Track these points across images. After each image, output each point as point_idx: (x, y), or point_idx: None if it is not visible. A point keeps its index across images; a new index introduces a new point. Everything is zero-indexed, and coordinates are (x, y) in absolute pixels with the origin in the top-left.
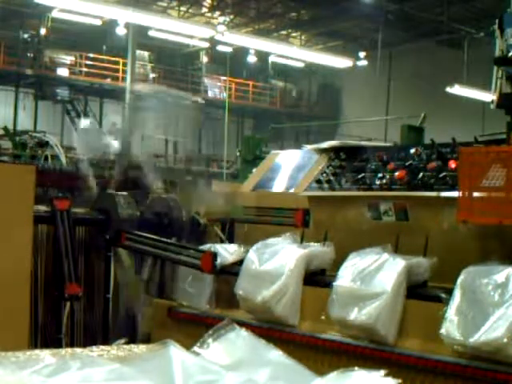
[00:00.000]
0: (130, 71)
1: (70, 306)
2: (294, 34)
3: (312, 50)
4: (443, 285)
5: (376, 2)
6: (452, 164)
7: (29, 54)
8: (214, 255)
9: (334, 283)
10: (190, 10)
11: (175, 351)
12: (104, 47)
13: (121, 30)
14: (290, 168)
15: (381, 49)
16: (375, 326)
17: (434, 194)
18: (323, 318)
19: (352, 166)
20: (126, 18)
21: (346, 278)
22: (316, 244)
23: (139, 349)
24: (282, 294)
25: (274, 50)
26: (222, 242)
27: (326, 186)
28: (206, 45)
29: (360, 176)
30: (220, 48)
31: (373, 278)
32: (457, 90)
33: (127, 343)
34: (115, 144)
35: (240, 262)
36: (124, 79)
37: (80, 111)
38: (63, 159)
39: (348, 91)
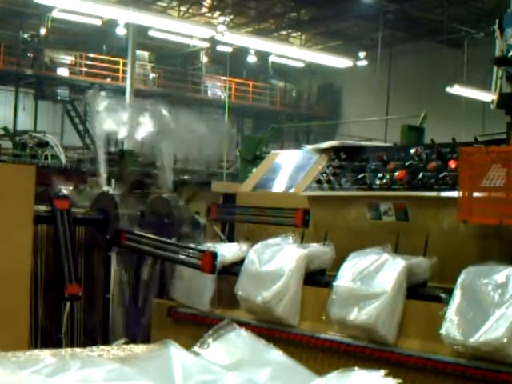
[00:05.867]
0: (130, 71)
1: (70, 305)
2: (294, 34)
3: (312, 50)
4: (443, 285)
5: (376, 2)
6: (452, 164)
7: (29, 54)
8: (214, 255)
9: (334, 283)
10: (190, 10)
11: (175, 351)
12: (104, 47)
13: (121, 30)
14: (289, 168)
15: (381, 49)
16: (375, 326)
17: (433, 194)
18: (323, 318)
19: (352, 165)
20: (125, 18)
21: (346, 278)
22: (316, 244)
23: (139, 349)
24: (283, 295)
25: (274, 50)
26: (222, 241)
27: (326, 185)
28: (206, 45)
29: (360, 176)
30: (220, 48)
31: (373, 278)
32: (457, 89)
33: (127, 343)
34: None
35: (240, 262)
36: (124, 79)
37: (80, 111)
38: (63, 159)
39: (348, 91)
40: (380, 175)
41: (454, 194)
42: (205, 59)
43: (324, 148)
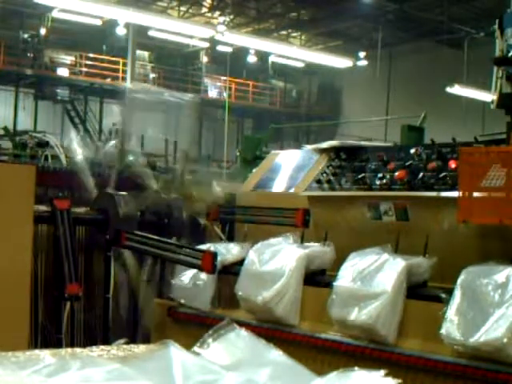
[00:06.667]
0: (130, 71)
1: (70, 305)
2: (293, 34)
3: (312, 50)
4: (443, 285)
5: (376, 2)
6: (452, 164)
7: (29, 54)
8: (215, 255)
9: (334, 283)
10: (190, 10)
11: (175, 351)
12: (104, 47)
13: (121, 30)
14: (290, 168)
15: (381, 49)
16: (375, 326)
17: (434, 194)
18: (323, 318)
19: (352, 165)
20: (126, 18)
21: (346, 278)
22: (316, 244)
23: (139, 349)
24: (283, 295)
25: (274, 50)
26: (222, 241)
27: (325, 186)
28: (206, 45)
29: (360, 176)
30: (220, 48)
31: (373, 278)
32: (457, 89)
33: (127, 343)
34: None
35: (240, 262)
36: (124, 79)
37: (80, 111)
38: (63, 159)
39: (348, 91)
40: (380, 175)
41: (454, 194)
42: (205, 59)
43: (324, 148)
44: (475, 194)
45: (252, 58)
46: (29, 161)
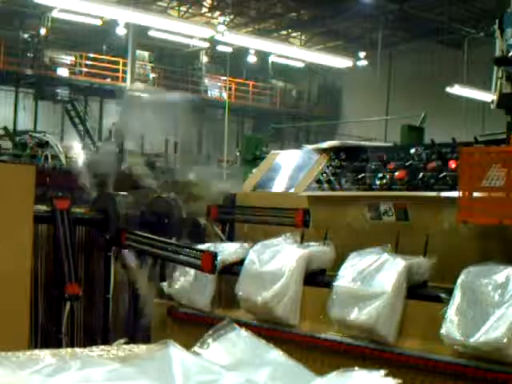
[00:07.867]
0: (130, 71)
1: (69, 305)
2: (293, 34)
3: (312, 50)
4: (443, 285)
5: (376, 2)
6: (452, 164)
7: (29, 54)
8: (215, 255)
9: (334, 283)
10: (190, 10)
11: (175, 351)
12: (104, 47)
13: (121, 30)
14: (290, 168)
15: (381, 49)
16: (375, 326)
17: (433, 194)
18: (323, 318)
19: (352, 166)
20: (126, 18)
21: (346, 278)
22: (316, 244)
23: (139, 349)
24: (283, 295)
25: (274, 50)
26: (222, 241)
27: (325, 186)
28: (206, 45)
29: (360, 176)
30: (220, 48)
31: (373, 278)
32: (457, 89)
33: (127, 343)
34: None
35: (240, 262)
36: (124, 79)
37: (80, 111)
38: (63, 159)
39: (348, 91)
40: (380, 175)
41: (454, 194)
42: (205, 59)
43: (324, 148)
44: (475, 194)
45: (252, 58)
46: (29, 161)
